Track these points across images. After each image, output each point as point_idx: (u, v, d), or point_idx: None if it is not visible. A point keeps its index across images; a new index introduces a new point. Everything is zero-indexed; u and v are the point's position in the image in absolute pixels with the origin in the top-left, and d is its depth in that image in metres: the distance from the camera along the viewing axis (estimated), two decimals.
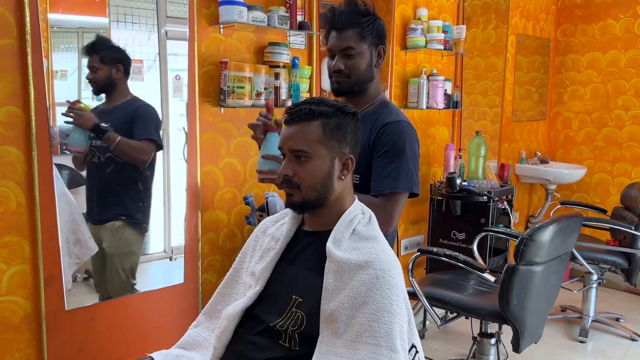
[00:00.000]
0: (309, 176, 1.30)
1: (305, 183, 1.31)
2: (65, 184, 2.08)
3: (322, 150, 1.30)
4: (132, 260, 2.28)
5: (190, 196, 2.42)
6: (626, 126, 4.25)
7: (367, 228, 1.36)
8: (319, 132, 1.30)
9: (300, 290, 1.32)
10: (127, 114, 2.19)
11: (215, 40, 2.40)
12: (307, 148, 1.29)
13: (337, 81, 1.70)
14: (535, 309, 2.26)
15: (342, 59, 1.67)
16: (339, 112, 1.33)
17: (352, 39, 1.66)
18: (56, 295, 2.02)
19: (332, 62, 1.70)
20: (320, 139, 1.30)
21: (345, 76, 1.68)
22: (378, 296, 1.21)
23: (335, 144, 1.32)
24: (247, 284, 1.45)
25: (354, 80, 1.69)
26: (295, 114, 1.31)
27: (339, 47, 1.67)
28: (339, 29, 1.67)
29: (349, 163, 1.36)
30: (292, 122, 1.31)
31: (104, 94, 2.15)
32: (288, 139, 1.32)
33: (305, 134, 1.30)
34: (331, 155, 1.32)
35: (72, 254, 2.10)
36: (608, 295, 4.10)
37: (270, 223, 1.53)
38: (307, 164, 1.30)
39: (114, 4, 2.10)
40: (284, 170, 1.32)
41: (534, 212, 4.57)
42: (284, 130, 1.34)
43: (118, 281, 2.25)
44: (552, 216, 3.77)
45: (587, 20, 4.40)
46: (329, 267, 1.28)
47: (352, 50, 1.66)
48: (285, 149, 1.32)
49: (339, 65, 1.67)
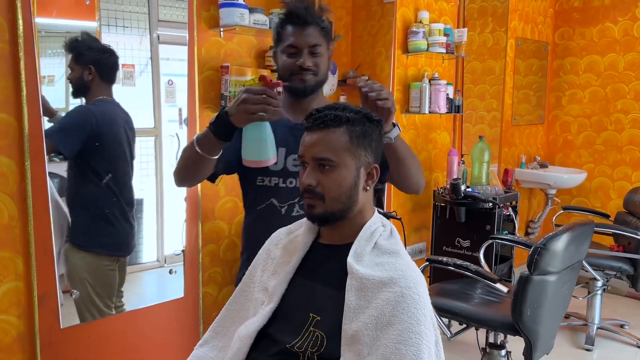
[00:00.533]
0: (335, 186, 1.22)
1: (330, 194, 1.22)
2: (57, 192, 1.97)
3: (348, 159, 1.22)
4: (84, 287, 2.03)
5: (190, 206, 2.32)
6: (626, 130, 4.22)
7: (389, 242, 1.28)
8: (345, 139, 1.22)
9: (318, 308, 1.23)
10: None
11: (215, 44, 2.31)
12: (333, 156, 1.21)
13: (304, 79, 1.58)
14: (548, 320, 2.20)
15: (310, 56, 1.57)
16: (364, 118, 1.25)
17: (317, 36, 1.58)
18: (51, 313, 1.92)
19: (292, 60, 1.58)
20: (347, 147, 1.22)
21: (312, 74, 1.58)
22: (404, 316, 1.13)
23: (362, 153, 1.24)
24: (259, 300, 1.36)
25: (319, 80, 1.60)
26: (319, 120, 1.23)
27: (307, 43, 1.57)
28: (304, 25, 1.57)
29: (373, 173, 1.28)
30: (316, 128, 1.23)
31: (80, 96, 2.01)
32: (311, 146, 1.23)
33: (331, 141, 1.21)
34: (357, 164, 1.24)
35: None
36: (610, 301, 4.05)
37: (284, 235, 1.44)
38: (332, 173, 1.22)
39: (105, 7, 2.04)
40: (307, 180, 1.23)
41: (534, 217, 4.52)
42: (305, 137, 1.25)
43: (85, 308, 2.05)
44: (554, 222, 3.73)
45: (585, 23, 4.37)
46: (351, 284, 1.19)
47: (319, 48, 1.58)
48: (307, 156, 1.24)
49: (308, 62, 1.57)
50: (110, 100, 2.06)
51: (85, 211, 2.02)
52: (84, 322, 2.04)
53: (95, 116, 2.01)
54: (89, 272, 2.04)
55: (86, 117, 2.00)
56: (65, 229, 1.99)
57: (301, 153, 1.25)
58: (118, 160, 2.12)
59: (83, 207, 2.01)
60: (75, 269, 2.01)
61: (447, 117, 3.61)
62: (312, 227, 1.35)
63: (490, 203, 3.05)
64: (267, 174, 1.61)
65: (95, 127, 2.00)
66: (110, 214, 2.09)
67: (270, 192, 1.63)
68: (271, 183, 1.63)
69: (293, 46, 1.57)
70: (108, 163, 2.07)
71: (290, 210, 1.63)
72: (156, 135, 2.28)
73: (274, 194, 1.63)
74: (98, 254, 2.07)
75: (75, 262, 1.99)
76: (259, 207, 1.65)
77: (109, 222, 2.09)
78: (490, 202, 3.05)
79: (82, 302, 2.03)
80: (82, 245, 2.01)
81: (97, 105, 2.03)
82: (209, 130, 1.41)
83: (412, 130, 3.33)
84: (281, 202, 1.63)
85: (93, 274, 2.05)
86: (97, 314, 2.07)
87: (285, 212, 1.62)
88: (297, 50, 1.57)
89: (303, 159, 1.25)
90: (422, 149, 3.41)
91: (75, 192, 2.00)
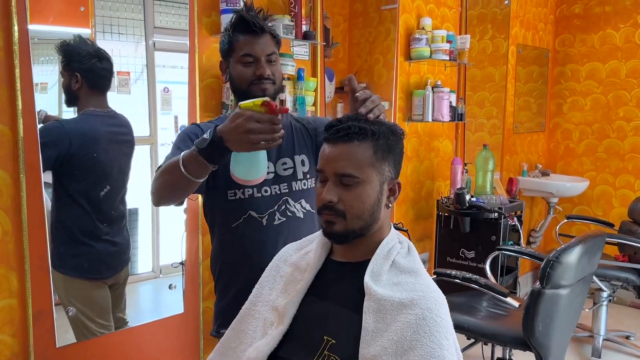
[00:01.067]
0: (358, 203, 1.15)
1: (352, 211, 1.15)
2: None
3: (372, 174, 1.15)
4: (72, 309, 1.91)
5: (191, 218, 2.25)
6: (628, 137, 4.18)
7: (408, 260, 1.21)
8: (370, 154, 1.15)
9: (333, 331, 1.16)
10: None
11: (216, 51, 2.22)
12: (357, 172, 1.14)
13: (264, 88, 1.52)
14: (560, 334, 2.15)
15: (268, 65, 1.53)
16: (389, 131, 1.18)
17: (272, 44, 1.55)
18: (46, 332, 1.83)
19: (250, 69, 1.51)
20: (372, 162, 1.15)
21: (272, 83, 1.54)
22: (426, 340, 1.06)
23: (385, 168, 1.18)
24: (267, 320, 1.28)
25: (277, 88, 1.57)
26: (343, 132, 1.15)
27: (264, 52, 1.52)
28: (259, 33, 1.52)
29: (395, 188, 1.22)
30: (339, 140, 1.15)
31: (73, 105, 1.91)
32: (333, 160, 1.15)
33: (355, 156, 1.14)
34: (380, 180, 1.17)
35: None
36: (614, 311, 3.99)
37: (293, 251, 1.37)
38: (355, 189, 1.15)
39: (99, 14, 1.98)
40: (328, 196, 1.15)
41: (535, 225, 4.47)
42: (325, 149, 1.18)
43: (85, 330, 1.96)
44: (558, 231, 3.68)
45: (586, 30, 4.34)
46: (369, 305, 1.12)
47: (275, 56, 1.55)
48: (328, 171, 1.16)
49: (267, 71, 1.52)
50: (99, 112, 1.95)
51: (60, 233, 1.88)
52: (80, 341, 1.96)
53: (69, 137, 1.87)
54: (73, 296, 1.93)
55: (59, 137, 1.85)
56: None
57: (321, 167, 1.18)
58: (96, 179, 1.97)
59: (58, 228, 1.86)
60: (60, 292, 1.89)
61: (449, 125, 3.56)
62: (324, 243, 1.28)
63: (496, 213, 2.99)
64: (239, 186, 1.53)
65: (68, 148, 1.86)
66: (82, 236, 1.95)
67: (245, 205, 1.55)
68: (245, 195, 1.55)
69: (249, 55, 1.52)
70: (82, 183, 1.92)
71: (271, 220, 1.56)
72: (152, 143, 2.23)
73: (250, 205, 1.55)
74: (75, 277, 1.94)
75: (59, 285, 1.87)
76: (234, 224, 1.56)
77: (83, 243, 1.95)
78: (496, 212, 2.99)
79: (74, 324, 1.94)
80: (60, 268, 1.86)
81: (79, 121, 1.91)
82: (198, 154, 1.27)
83: (414, 139, 3.27)
84: (260, 212, 1.56)
85: (78, 297, 1.94)
86: (90, 335, 1.97)
87: (267, 223, 1.56)
88: (253, 59, 1.52)
89: (323, 174, 1.18)
90: (425, 157, 3.34)
91: (53, 212, 1.86)
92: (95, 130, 1.95)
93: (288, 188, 1.60)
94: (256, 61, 1.51)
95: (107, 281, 2.04)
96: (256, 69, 1.51)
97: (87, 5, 1.95)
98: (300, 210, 1.61)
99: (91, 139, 1.94)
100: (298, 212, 1.61)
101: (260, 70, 1.51)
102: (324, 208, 1.16)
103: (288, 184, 1.60)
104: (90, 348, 1.97)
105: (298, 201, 1.61)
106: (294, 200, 1.60)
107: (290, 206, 1.60)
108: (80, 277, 1.95)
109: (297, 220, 1.60)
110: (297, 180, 1.61)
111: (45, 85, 1.89)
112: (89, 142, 1.93)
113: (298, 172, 1.61)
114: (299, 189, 1.61)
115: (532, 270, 4.45)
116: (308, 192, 1.63)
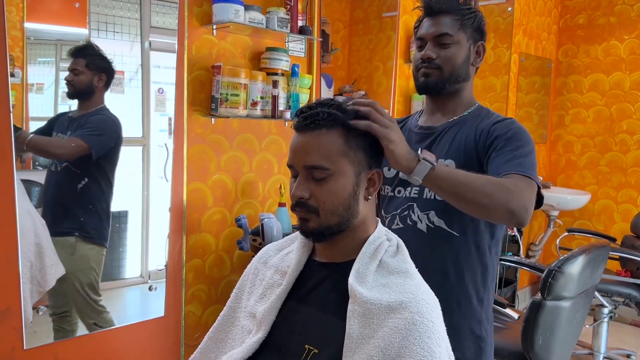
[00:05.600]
0: (331, 197, 1.03)
1: (325, 206, 1.03)
2: (35, 202, 1.86)
3: (345, 164, 1.04)
4: (91, 275, 2.07)
5: (175, 217, 2.14)
6: (631, 151, 4.09)
7: (397, 259, 1.10)
8: (341, 142, 1.03)
9: (316, 339, 1.04)
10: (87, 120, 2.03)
11: (207, 43, 2.16)
12: (327, 163, 1.02)
13: (425, 73, 1.38)
14: (561, 349, 2.06)
15: (435, 48, 1.37)
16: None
17: (449, 25, 1.37)
18: (13, 331, 1.73)
19: (419, 53, 1.40)
20: (344, 151, 1.03)
21: (435, 67, 1.37)
22: (416, 347, 0.95)
23: (362, 156, 1.06)
24: (245, 328, 1.17)
25: (445, 75, 1.38)
26: (310, 119, 1.03)
27: (433, 33, 1.38)
28: (435, 14, 1.39)
29: (375, 179, 1.09)
30: (307, 129, 1.04)
31: (79, 99, 1.98)
32: (301, 153, 1.04)
33: (324, 145, 1.02)
34: (356, 169, 1.05)
35: (34, 281, 1.82)
36: (614, 329, 3.87)
37: (273, 252, 1.25)
38: (327, 182, 1.03)
39: (95, 11, 1.97)
40: (298, 192, 1.04)
41: (534, 239, 4.36)
42: (295, 140, 1.06)
43: (80, 301, 2.03)
44: (558, 244, 3.57)
45: (590, 41, 4.26)
46: (353, 309, 1.01)
47: (449, 38, 1.37)
48: (297, 165, 1.05)
49: (429, 52, 1.37)
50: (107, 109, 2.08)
51: (91, 207, 2.10)
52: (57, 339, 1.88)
53: (119, 126, 2.09)
54: (95, 262, 2.08)
55: (118, 125, 2.08)
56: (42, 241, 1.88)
57: (290, 162, 1.07)
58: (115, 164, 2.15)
59: (95, 206, 2.10)
60: (84, 259, 2.05)
61: None
62: (306, 242, 1.16)
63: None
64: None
65: (117, 138, 2.09)
66: (108, 210, 2.15)
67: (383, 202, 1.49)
68: (384, 191, 1.49)
69: (420, 38, 1.41)
70: (115, 166, 2.12)
71: (391, 223, 1.45)
72: (144, 144, 2.18)
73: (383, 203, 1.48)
74: (102, 248, 2.11)
75: (85, 253, 2.05)
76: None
77: (108, 217, 2.15)
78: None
79: (85, 293, 2.05)
80: (93, 238, 2.08)
81: (113, 115, 2.08)
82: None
83: None
84: (386, 212, 1.47)
85: (97, 265, 2.09)
86: (95, 309, 2.06)
87: (387, 224, 1.46)
88: (424, 42, 1.40)
89: (294, 168, 1.07)
90: None
91: (81, 190, 2.04)
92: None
93: (418, 193, 1.41)
94: (424, 45, 1.43)
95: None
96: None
97: (82, 3, 1.95)
98: (425, 222, 1.40)
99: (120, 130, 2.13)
100: (421, 223, 1.40)
101: (422, 53, 1.43)
102: (296, 205, 1.05)
103: (420, 189, 1.41)
104: (62, 350, 1.87)
105: (425, 212, 1.40)
106: (421, 210, 1.41)
107: (414, 214, 1.42)
108: (103, 242, 2.14)
109: (418, 234, 1.40)
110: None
111: (41, 86, 1.88)
112: (120, 132, 2.11)
113: None
114: (430, 198, 1.40)
115: (530, 284, 4.34)
116: (445, 205, 1.34)
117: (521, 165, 1.27)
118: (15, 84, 1.79)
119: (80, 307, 2.02)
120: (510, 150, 1.30)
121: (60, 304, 1.97)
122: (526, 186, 1.23)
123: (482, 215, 1.25)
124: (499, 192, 1.18)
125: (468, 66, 1.42)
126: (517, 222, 1.20)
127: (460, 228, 1.37)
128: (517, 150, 1.30)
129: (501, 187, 1.19)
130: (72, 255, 2.00)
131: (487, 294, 1.45)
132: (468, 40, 1.40)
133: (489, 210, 1.19)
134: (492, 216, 1.23)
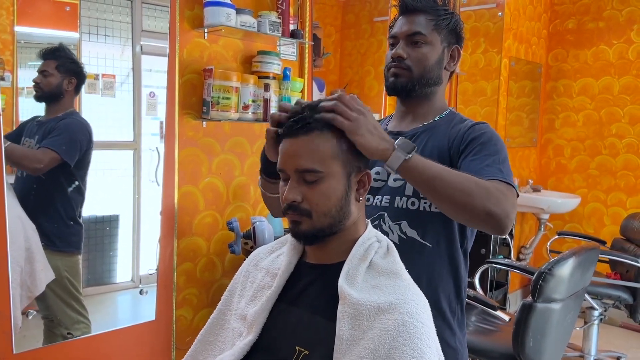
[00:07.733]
0: (324, 200, 1.04)
1: (318, 209, 1.04)
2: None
3: (337, 167, 1.04)
4: (66, 285, 2.01)
5: (166, 220, 2.14)
6: (620, 154, 4.12)
7: (387, 260, 1.10)
8: (332, 144, 1.04)
9: (306, 340, 1.04)
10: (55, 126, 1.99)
11: (198, 46, 2.16)
12: (319, 166, 1.02)
13: (394, 73, 1.32)
14: (552, 351, 2.07)
15: (407, 47, 1.32)
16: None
17: (423, 24, 1.32)
18: (3, 335, 1.72)
19: (390, 52, 1.35)
20: (335, 154, 1.04)
21: (405, 68, 1.32)
22: (406, 348, 0.95)
23: (352, 158, 1.07)
24: (236, 330, 1.16)
25: (415, 76, 1.32)
26: (301, 123, 1.04)
27: (405, 32, 1.32)
28: (410, 12, 1.34)
29: (365, 180, 1.10)
30: (297, 133, 1.04)
31: (47, 103, 1.95)
32: (293, 156, 1.04)
33: (316, 149, 1.03)
34: (347, 171, 1.06)
35: (24, 286, 1.81)
36: (604, 331, 3.88)
37: (264, 254, 1.25)
38: (319, 185, 1.03)
39: (86, 15, 1.97)
40: (290, 196, 1.04)
41: (525, 242, 4.38)
42: (284, 145, 1.06)
43: (59, 310, 1.99)
44: (549, 247, 3.59)
45: (580, 45, 4.30)
46: (343, 311, 1.01)
47: (421, 37, 1.31)
48: (288, 169, 1.05)
49: (400, 51, 1.31)
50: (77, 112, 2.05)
51: (57, 215, 2.03)
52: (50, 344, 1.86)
53: (89, 130, 2.04)
54: (69, 271, 2.03)
55: (87, 131, 2.04)
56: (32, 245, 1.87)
57: (281, 166, 1.07)
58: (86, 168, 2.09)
59: (62, 211, 2.03)
60: (56, 270, 1.98)
61: None
62: (296, 244, 1.16)
63: None
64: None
65: (88, 142, 2.04)
66: (78, 216, 2.09)
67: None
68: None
69: (393, 36, 1.35)
70: (87, 170, 2.07)
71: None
72: (135, 148, 2.18)
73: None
74: (72, 253, 2.07)
75: (54, 263, 1.97)
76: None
77: (77, 223, 2.09)
78: None
79: (67, 302, 2.01)
80: (58, 248, 2.01)
81: (83, 118, 2.04)
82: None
83: None
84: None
85: (73, 273, 2.05)
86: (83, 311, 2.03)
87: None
88: (396, 40, 1.34)
89: (284, 172, 1.07)
90: None
91: (45, 197, 1.99)
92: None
93: (389, 202, 1.34)
94: (396, 44, 1.37)
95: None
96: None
97: (73, 7, 1.95)
98: (396, 233, 1.33)
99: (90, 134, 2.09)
100: (392, 234, 1.32)
101: (393, 52, 1.36)
102: (288, 208, 1.06)
103: (392, 198, 1.34)
104: (52, 354, 1.86)
105: (397, 222, 1.33)
106: (392, 220, 1.34)
107: (385, 224, 1.35)
108: (74, 251, 2.08)
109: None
110: (403, 196, 1.33)
111: (31, 90, 1.87)
112: (90, 136, 2.07)
113: (408, 187, 1.33)
114: (402, 207, 1.33)
115: (521, 287, 4.36)
116: (417, 215, 1.32)
117: (501, 172, 1.22)
118: (6, 87, 1.79)
119: (60, 315, 1.99)
120: (487, 155, 1.26)
121: (44, 308, 1.95)
122: (508, 192, 1.18)
123: (458, 214, 1.19)
124: (479, 191, 1.13)
125: (440, 69, 1.36)
126: (495, 226, 1.14)
127: (433, 239, 1.32)
128: (494, 156, 1.26)
129: (482, 187, 1.14)
130: None
131: (459, 305, 1.39)
132: (442, 42, 1.35)
133: (466, 210, 1.14)
134: (468, 216, 1.17)
